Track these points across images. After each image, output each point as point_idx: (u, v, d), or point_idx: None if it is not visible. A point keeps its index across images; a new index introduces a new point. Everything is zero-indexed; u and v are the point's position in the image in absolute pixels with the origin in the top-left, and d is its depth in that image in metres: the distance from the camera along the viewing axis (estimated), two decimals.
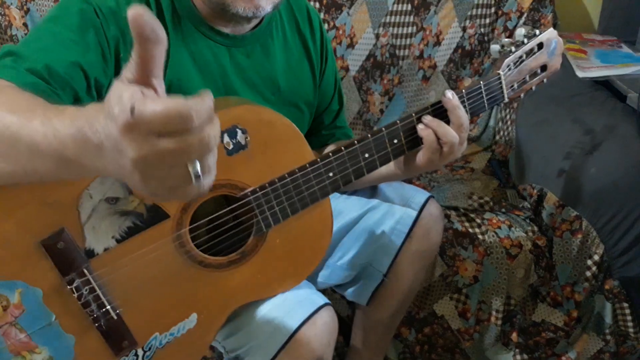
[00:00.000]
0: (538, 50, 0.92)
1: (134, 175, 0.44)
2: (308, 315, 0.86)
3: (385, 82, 1.62)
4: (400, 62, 1.62)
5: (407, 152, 0.86)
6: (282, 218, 0.82)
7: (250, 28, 0.91)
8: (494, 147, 1.66)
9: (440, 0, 1.59)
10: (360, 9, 1.55)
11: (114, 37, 0.79)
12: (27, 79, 0.67)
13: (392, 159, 0.86)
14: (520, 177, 1.47)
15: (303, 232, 0.86)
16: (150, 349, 0.81)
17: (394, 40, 1.60)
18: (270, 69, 0.95)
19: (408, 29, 1.59)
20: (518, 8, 1.62)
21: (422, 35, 1.61)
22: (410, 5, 1.57)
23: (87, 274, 0.73)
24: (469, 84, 0.88)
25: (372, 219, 1.05)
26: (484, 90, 0.88)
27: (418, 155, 0.86)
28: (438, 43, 1.63)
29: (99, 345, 0.77)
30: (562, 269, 1.32)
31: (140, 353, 0.80)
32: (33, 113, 0.53)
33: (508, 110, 1.63)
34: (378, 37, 1.58)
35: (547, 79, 0.96)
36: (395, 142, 0.84)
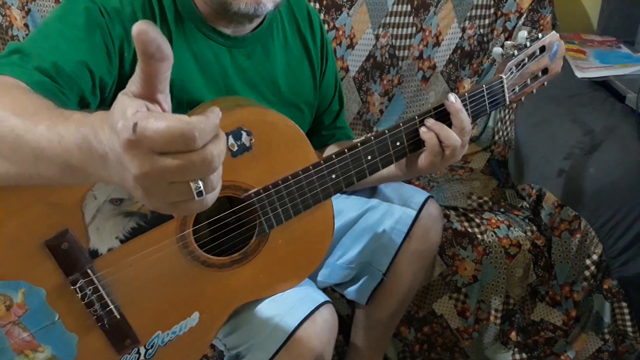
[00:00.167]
0: (540, 54, 0.92)
1: (137, 190, 0.44)
2: (308, 313, 0.86)
3: (385, 82, 1.62)
4: (400, 62, 1.62)
5: (409, 154, 0.87)
6: (284, 219, 0.83)
7: (252, 29, 0.91)
8: (493, 147, 1.66)
9: (440, 1, 1.59)
10: (360, 10, 1.56)
11: (119, 36, 0.79)
12: (35, 78, 0.67)
13: (394, 161, 0.86)
14: (519, 177, 1.47)
15: (305, 232, 0.87)
16: (153, 347, 0.81)
17: (394, 41, 1.60)
18: (271, 70, 0.95)
19: (408, 30, 1.59)
20: (517, 9, 1.62)
21: (421, 36, 1.61)
22: (410, 6, 1.57)
23: (90, 275, 0.74)
24: (471, 88, 0.88)
25: (371, 219, 1.05)
26: (487, 94, 0.88)
27: (420, 158, 0.86)
28: (437, 44, 1.63)
29: (102, 344, 0.78)
30: (560, 269, 1.32)
31: (143, 351, 0.81)
32: (39, 117, 0.52)
33: (507, 111, 1.63)
34: (378, 37, 1.58)
35: (547, 82, 0.96)
36: (398, 144, 0.85)
